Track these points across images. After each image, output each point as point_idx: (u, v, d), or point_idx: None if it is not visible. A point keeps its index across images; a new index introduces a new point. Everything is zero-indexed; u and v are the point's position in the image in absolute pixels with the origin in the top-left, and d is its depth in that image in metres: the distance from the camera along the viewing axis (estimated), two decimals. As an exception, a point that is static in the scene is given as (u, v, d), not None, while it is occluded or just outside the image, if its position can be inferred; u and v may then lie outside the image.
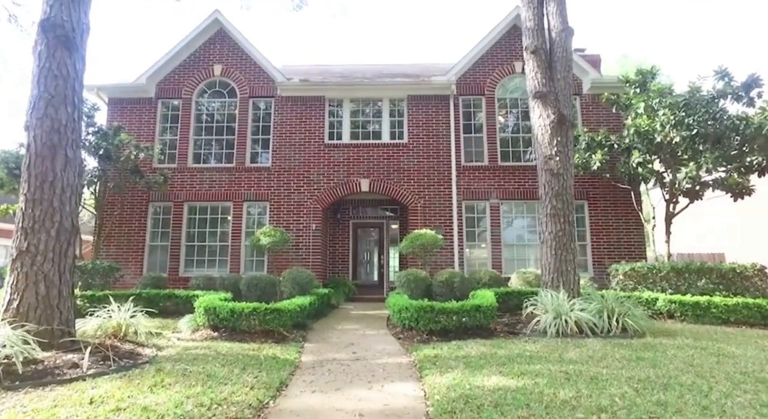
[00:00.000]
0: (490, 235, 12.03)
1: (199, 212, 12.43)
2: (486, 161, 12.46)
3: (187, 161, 12.58)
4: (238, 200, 12.30)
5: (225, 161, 12.74)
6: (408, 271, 9.34)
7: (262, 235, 10.79)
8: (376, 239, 13.82)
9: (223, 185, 12.38)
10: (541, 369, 4.37)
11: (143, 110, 12.73)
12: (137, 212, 12.19)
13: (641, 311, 6.69)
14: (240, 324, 6.54)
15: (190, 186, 12.37)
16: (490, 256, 11.92)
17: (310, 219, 12.14)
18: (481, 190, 12.22)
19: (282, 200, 12.26)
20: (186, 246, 12.21)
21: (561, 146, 7.48)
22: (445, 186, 12.25)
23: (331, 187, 12.28)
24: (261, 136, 12.85)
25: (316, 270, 11.77)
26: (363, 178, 12.32)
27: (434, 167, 12.36)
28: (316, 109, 12.73)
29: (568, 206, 7.41)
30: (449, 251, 11.81)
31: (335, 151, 12.50)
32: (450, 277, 9.35)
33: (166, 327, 7.48)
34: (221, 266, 12.12)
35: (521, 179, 12.24)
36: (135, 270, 11.80)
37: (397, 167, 12.36)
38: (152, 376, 4.20)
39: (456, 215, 12.05)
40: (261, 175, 12.42)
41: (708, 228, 19.81)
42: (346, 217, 13.80)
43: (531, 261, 11.92)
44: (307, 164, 12.43)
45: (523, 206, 12.25)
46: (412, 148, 12.47)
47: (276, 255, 11.65)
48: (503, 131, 12.86)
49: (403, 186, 12.25)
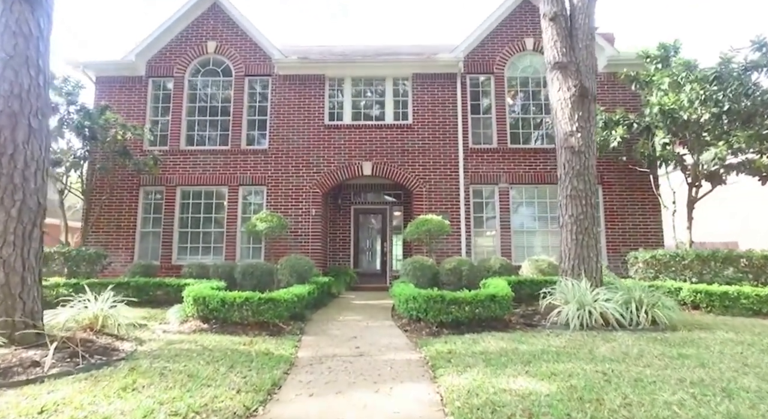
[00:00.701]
0: (499, 221, 11.42)
1: (192, 197, 11.82)
2: (495, 144, 11.80)
3: (179, 143, 11.93)
4: (234, 184, 11.68)
5: (220, 144, 12.09)
6: (413, 258, 8.75)
7: (259, 221, 10.20)
8: (378, 226, 13.23)
9: (218, 169, 11.75)
10: (573, 369, 3.79)
11: (133, 89, 12.04)
12: (128, 196, 11.58)
13: (672, 301, 6.09)
14: (231, 315, 5.96)
15: (183, 170, 11.74)
16: (499, 243, 11.33)
17: (310, 204, 11.53)
18: (490, 173, 11.58)
19: (280, 185, 11.64)
20: (179, 233, 11.63)
21: (583, 122, 6.82)
22: (451, 170, 11.61)
23: (332, 170, 11.65)
24: (257, 117, 12.18)
25: (315, 258, 11.19)
26: (365, 161, 11.68)
27: (440, 149, 11.70)
28: (315, 88, 12.04)
29: (589, 187, 6.78)
30: (456, 238, 11.21)
31: (336, 132, 11.84)
32: (458, 265, 8.77)
33: (153, 317, 6.91)
34: (216, 254, 11.54)
35: (532, 162, 11.59)
36: (126, 258, 11.23)
37: (402, 149, 11.71)
38: (124, 377, 3.62)
39: (463, 200, 11.43)
40: (258, 158, 11.78)
41: (719, 216, 19.19)
42: (347, 202, 13.19)
43: (543, 248, 11.32)
44: (306, 147, 11.79)
45: (534, 191, 11.62)
46: (417, 129, 11.80)
47: (273, 242, 11.07)
48: (513, 111, 12.17)
49: (407, 170, 11.61)
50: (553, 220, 11.45)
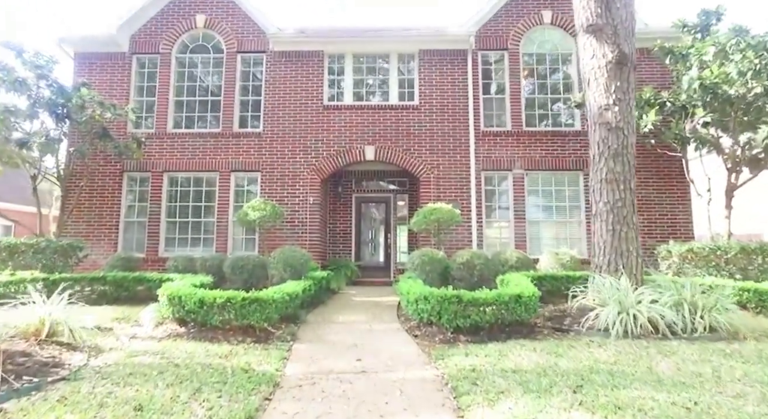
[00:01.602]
0: (513, 210, 10.49)
1: (180, 184, 10.91)
2: (509, 126, 10.83)
3: (166, 125, 10.99)
4: (225, 169, 10.76)
5: (210, 126, 11.15)
6: (422, 251, 7.84)
7: (251, 209, 9.29)
8: (381, 216, 12.32)
9: (208, 153, 10.82)
10: (641, 399, 2.89)
11: (115, 66, 11.07)
12: (110, 183, 10.67)
13: (733, 303, 5.17)
14: (211, 318, 5.07)
15: (170, 154, 10.81)
16: (513, 234, 10.40)
17: (307, 192, 10.61)
18: (503, 159, 10.62)
19: (275, 170, 10.71)
20: (166, 222, 10.74)
21: (620, 93, 5.84)
22: (461, 154, 10.66)
23: (331, 155, 10.71)
24: (251, 97, 11.22)
25: (313, 250, 10.31)
26: (368, 145, 10.73)
27: (449, 132, 10.74)
28: (313, 65, 11.05)
29: (628, 169, 5.82)
30: (466, 229, 10.29)
31: (336, 114, 10.88)
32: (471, 258, 7.87)
33: (125, 318, 6.05)
34: (206, 246, 10.67)
35: (549, 146, 10.62)
36: (109, 249, 10.35)
37: (407, 132, 10.75)
38: (45, 413, 2.73)
39: (474, 187, 10.49)
40: (251, 141, 10.85)
41: (739, 207, 18.18)
42: (348, 190, 12.26)
43: (560, 240, 10.40)
44: (303, 130, 10.84)
45: (551, 178, 10.66)
46: (424, 110, 10.83)
47: (268, 233, 10.18)
48: (529, 91, 11.17)
49: (413, 154, 10.66)
50: (572, 209, 10.51)
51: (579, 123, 10.68)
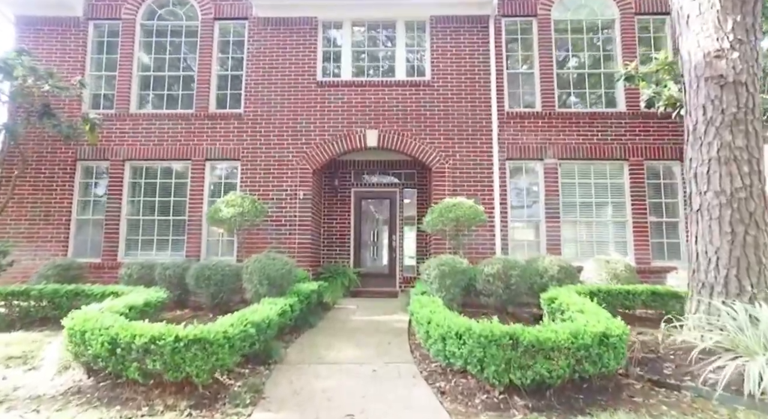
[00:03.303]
0: (545, 208, 8.69)
1: (146, 175, 9.12)
2: (539, 107, 9.03)
3: (129, 105, 9.21)
4: (199, 158, 8.97)
5: (182, 106, 9.35)
6: (441, 260, 6.03)
7: (225, 205, 7.52)
8: (386, 215, 10.51)
9: (179, 138, 9.04)
10: None
11: (67, 34, 9.27)
12: (60, 174, 8.88)
13: None
14: (128, 368, 3.28)
15: (133, 139, 9.03)
16: (544, 236, 8.61)
17: (297, 185, 8.82)
18: (532, 145, 8.82)
19: (258, 159, 8.92)
20: (128, 221, 8.95)
21: (742, 32, 4.04)
22: (482, 140, 8.86)
23: (326, 141, 8.92)
24: (230, 72, 9.43)
25: (303, 255, 8.53)
26: (370, 129, 8.94)
27: (467, 114, 8.94)
28: (305, 35, 9.26)
29: (755, 143, 4.01)
30: (488, 230, 8.50)
31: (332, 92, 9.09)
32: (504, 268, 6.07)
33: (29, 354, 4.29)
34: (176, 249, 8.88)
35: (588, 130, 8.81)
36: (57, 253, 8.56)
37: (417, 113, 8.96)
38: None
39: (498, 180, 8.69)
40: (230, 124, 9.06)
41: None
42: (346, 184, 10.46)
43: (604, 244, 8.59)
44: (293, 110, 9.05)
45: (589, 168, 8.85)
46: (437, 88, 9.04)
47: (249, 234, 8.40)
48: (563, 65, 9.37)
49: (424, 140, 8.87)
50: (616, 207, 8.71)
51: (623, 102, 8.87)
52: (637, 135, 8.69)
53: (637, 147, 8.65)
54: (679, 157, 8.54)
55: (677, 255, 8.40)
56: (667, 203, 8.63)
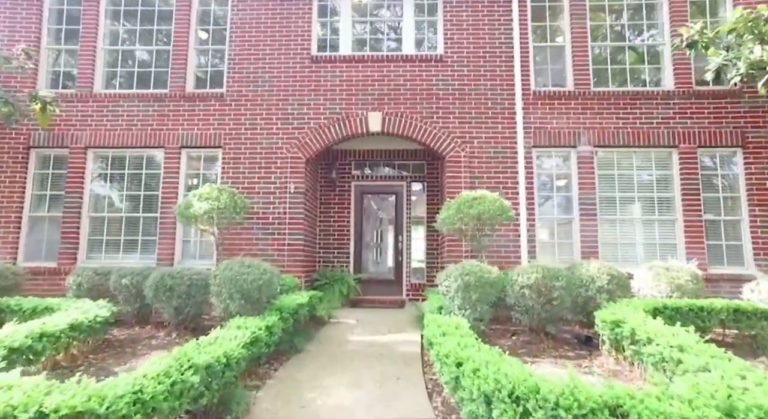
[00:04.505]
0: (579, 204, 7.36)
1: (112, 165, 7.84)
2: (571, 85, 7.70)
3: (93, 83, 7.94)
4: (173, 145, 7.69)
5: (154, 85, 8.07)
6: (465, 268, 4.68)
7: (198, 198, 6.22)
8: (390, 212, 9.20)
9: (151, 122, 7.76)
10: None
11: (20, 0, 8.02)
12: (10, 163, 7.62)
13: None
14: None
15: (97, 124, 7.75)
16: (578, 237, 7.27)
17: (287, 177, 7.53)
18: (564, 131, 7.50)
19: (243, 147, 7.64)
20: (91, 219, 7.68)
21: None
22: (504, 125, 7.54)
23: (322, 126, 7.63)
24: (211, 46, 8.14)
25: (295, 258, 7.24)
26: (372, 111, 7.64)
27: (487, 94, 7.63)
28: (298, 2, 7.96)
29: None
30: (512, 230, 7.18)
31: (329, 69, 7.79)
32: (545, 278, 4.75)
33: None
34: (147, 252, 7.60)
35: (629, 112, 7.47)
36: (4, 257, 7.30)
37: (427, 93, 7.65)
38: None
39: (523, 171, 7.37)
40: (210, 106, 7.77)
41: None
42: (345, 176, 9.15)
43: (649, 247, 7.26)
44: (283, 89, 7.76)
45: (631, 157, 7.52)
46: (451, 64, 7.73)
47: (231, 234, 7.13)
48: (599, 37, 8.03)
49: (436, 124, 7.56)
50: (663, 203, 7.37)
51: (671, 79, 7.53)
52: (688, 117, 7.34)
53: (689, 132, 7.31)
54: (741, 142, 7.19)
55: (739, 261, 7.04)
56: (725, 199, 7.28)
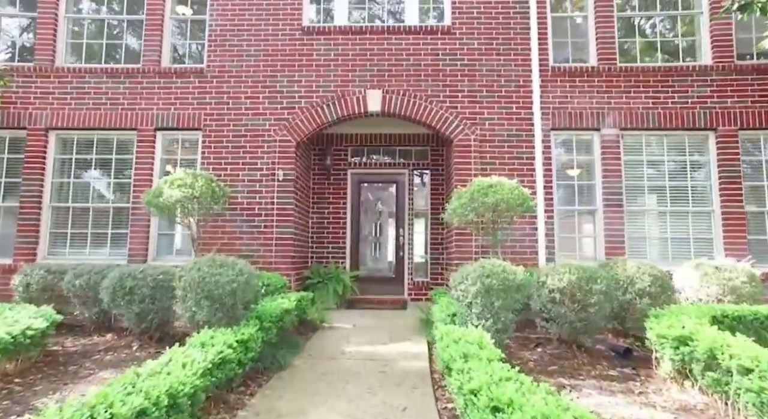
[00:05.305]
0: (602, 193, 6.54)
1: (77, 149, 6.97)
2: (594, 61, 6.86)
3: (54, 56, 7.04)
4: (147, 126, 6.81)
5: (126, 59, 7.19)
6: (485, 268, 3.82)
7: (169, 185, 5.36)
8: (391, 204, 8.35)
9: (122, 101, 6.87)
10: None
11: (-26, -37, 7.11)
12: (-38, 146, 6.75)
13: None
14: None
15: (60, 102, 6.87)
16: (602, 232, 6.46)
17: (275, 162, 6.68)
18: (586, 111, 6.66)
19: (225, 129, 6.77)
20: (53, 209, 6.81)
21: None
22: (519, 105, 6.70)
23: (314, 105, 6.77)
24: (190, 16, 7.25)
25: (283, 253, 6.42)
26: (371, 88, 6.78)
27: (500, 70, 6.78)
28: (287, -34, 7.08)
29: None
30: (528, 223, 6.36)
31: (322, 41, 6.92)
32: (581, 280, 3.94)
33: None
34: (117, 246, 6.75)
35: (660, 90, 6.63)
36: (-44, 252, 6.45)
37: (433, 69, 6.79)
38: None
39: (541, 156, 6.54)
40: (188, 83, 6.89)
41: None
42: (341, 163, 8.29)
43: (682, 243, 6.46)
44: (270, 65, 6.89)
45: (662, 141, 6.70)
46: (459, 36, 6.86)
47: (212, 226, 6.30)
48: (626, 6, 7.18)
49: (443, 104, 6.71)
50: (698, 192, 6.56)
51: (708, 52, 6.69)
52: (728, 96, 6.51)
53: (729, 112, 6.49)
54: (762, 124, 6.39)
55: None
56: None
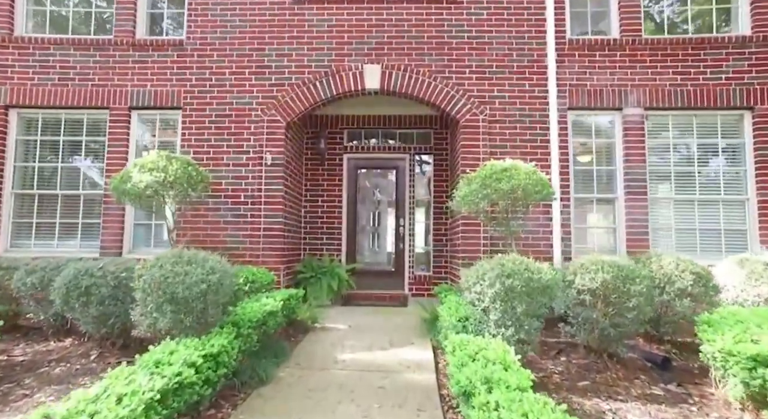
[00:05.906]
0: (623, 180, 5.91)
1: (42, 130, 6.28)
2: (616, 32, 6.18)
3: (13, 24, 6.32)
4: (121, 105, 6.13)
5: (96, 30, 6.48)
6: (505, 265, 3.19)
7: (139, 169, 4.70)
8: (391, 191, 7.71)
9: (92, 77, 6.18)
10: None
11: None
12: None
13: None
14: None
15: (22, 76, 6.17)
16: (623, 223, 5.85)
17: (263, 145, 6.02)
18: (607, 89, 6.00)
19: (207, 108, 6.10)
20: (16, 197, 6.15)
21: None
22: (533, 82, 6.03)
23: (306, 82, 6.09)
24: (168, -18, 6.54)
25: (272, 246, 5.80)
26: (369, 63, 6.10)
27: (512, 43, 6.10)
28: (275, -74, 6.34)
29: None
30: (542, 212, 5.75)
31: (315, 11, 6.22)
32: (617, 279, 3.32)
33: None
34: (89, 238, 6.11)
35: (691, 65, 5.97)
36: None
37: (438, 42, 6.11)
38: None
39: (556, 138, 5.89)
40: (167, 57, 6.20)
41: None
42: (336, 147, 7.62)
43: (712, 235, 5.86)
44: (258, 37, 6.19)
45: (690, 122, 6.06)
46: (467, 5, 6.17)
47: (193, 216, 5.68)
48: (650, -28, 6.49)
49: (448, 80, 6.04)
50: (730, 179, 5.95)
51: (746, 22, 6.03)
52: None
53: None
54: None
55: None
56: (810, 173, 5.87)
